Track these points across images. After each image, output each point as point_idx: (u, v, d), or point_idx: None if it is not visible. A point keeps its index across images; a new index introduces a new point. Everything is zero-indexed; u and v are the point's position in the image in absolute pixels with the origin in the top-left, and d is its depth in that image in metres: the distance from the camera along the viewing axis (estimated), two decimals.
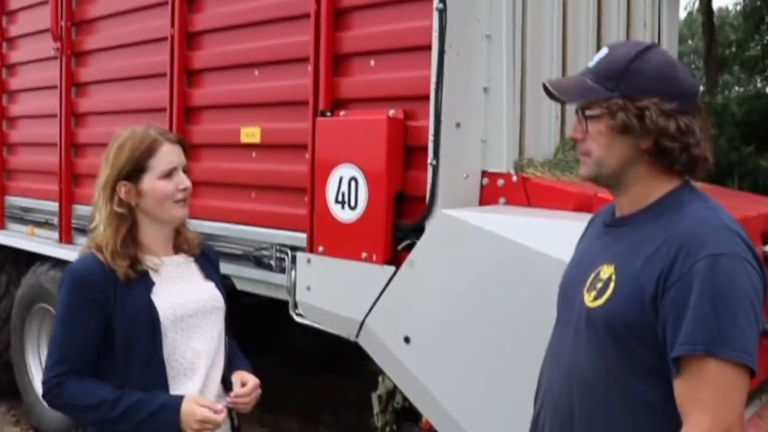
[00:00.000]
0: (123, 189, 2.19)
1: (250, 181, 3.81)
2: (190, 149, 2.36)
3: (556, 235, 2.55)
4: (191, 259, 2.37)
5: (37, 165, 5.46)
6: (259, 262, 3.73)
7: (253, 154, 3.79)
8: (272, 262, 3.64)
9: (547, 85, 1.81)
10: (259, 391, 2.31)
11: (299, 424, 5.50)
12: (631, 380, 1.65)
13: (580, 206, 2.83)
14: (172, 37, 4.12)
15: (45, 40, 5.17)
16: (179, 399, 2.11)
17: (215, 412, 2.12)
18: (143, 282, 2.17)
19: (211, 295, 2.33)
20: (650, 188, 1.75)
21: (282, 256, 3.58)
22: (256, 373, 2.39)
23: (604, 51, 1.81)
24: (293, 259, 3.47)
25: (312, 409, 5.75)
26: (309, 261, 3.36)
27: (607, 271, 1.72)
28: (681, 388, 1.57)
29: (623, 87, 1.71)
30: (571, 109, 3.48)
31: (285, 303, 3.54)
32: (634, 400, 1.65)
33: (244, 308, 5.16)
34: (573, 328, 1.79)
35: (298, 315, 3.45)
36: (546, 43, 3.40)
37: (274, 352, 6.05)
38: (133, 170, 2.19)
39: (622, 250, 1.73)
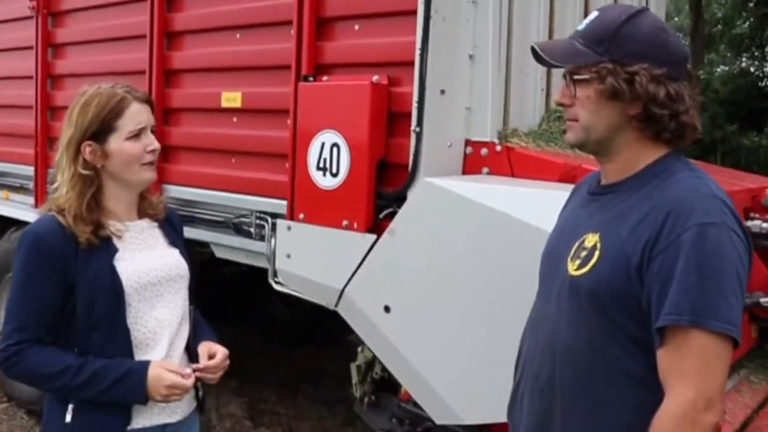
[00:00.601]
0: (88, 150, 2.09)
1: (230, 147, 3.77)
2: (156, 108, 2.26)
3: (540, 204, 2.53)
4: (155, 224, 2.29)
5: (11, 128, 5.39)
6: (239, 230, 3.70)
7: (234, 119, 3.75)
8: (252, 230, 3.61)
9: (536, 47, 1.78)
10: (227, 362, 2.24)
11: (278, 395, 5.50)
12: (614, 350, 1.65)
13: (565, 177, 2.82)
14: None
15: None
16: (146, 364, 2.05)
17: (183, 376, 2.07)
18: (106, 248, 2.08)
19: (175, 262, 2.25)
20: (638, 155, 1.74)
21: (262, 223, 3.55)
22: (235, 344, 2.34)
23: (593, 14, 1.78)
24: (273, 227, 3.45)
25: (291, 379, 5.75)
26: (289, 228, 3.33)
27: (591, 239, 1.71)
28: (664, 358, 1.56)
29: (613, 51, 1.69)
30: (556, 79, 3.47)
31: (264, 271, 3.52)
32: (617, 369, 1.65)
33: (224, 277, 5.17)
34: (555, 297, 1.78)
35: (278, 283, 3.43)
36: (533, 10, 3.37)
37: (253, 322, 6.06)
38: (100, 130, 2.09)
39: (607, 219, 1.71)
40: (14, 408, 5.07)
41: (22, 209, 5.02)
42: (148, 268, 2.15)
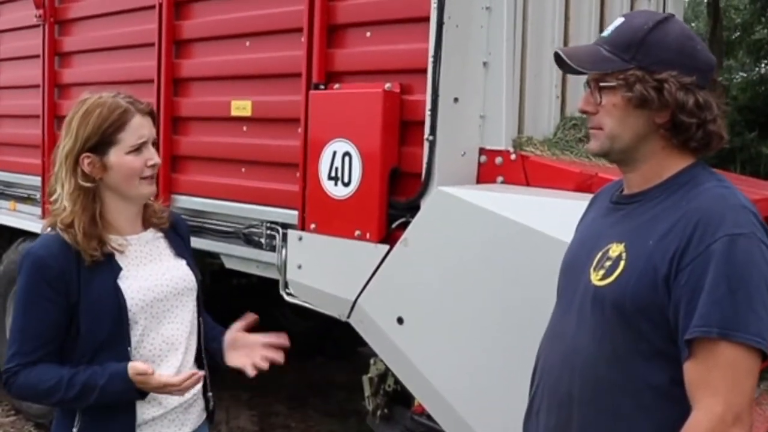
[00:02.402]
0: (86, 162, 2.06)
1: (240, 156, 3.79)
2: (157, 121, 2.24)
3: (556, 214, 2.54)
4: (160, 234, 2.25)
5: (19, 138, 5.42)
6: (249, 240, 3.71)
7: (244, 128, 3.77)
8: (262, 240, 3.62)
9: (561, 53, 1.77)
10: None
11: (288, 408, 5.51)
12: (638, 362, 1.64)
13: (580, 186, 2.82)
14: (160, 5, 4.09)
15: (27, 7, 5.11)
16: (124, 366, 2.01)
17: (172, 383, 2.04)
18: (108, 265, 2.06)
19: (182, 275, 2.22)
20: (663, 165, 1.73)
21: (272, 233, 3.56)
22: None
23: (619, 20, 1.78)
24: (284, 237, 3.46)
25: (302, 392, 5.75)
26: (300, 239, 3.35)
27: (616, 249, 1.70)
28: (692, 371, 1.55)
29: (640, 58, 1.68)
30: (571, 86, 3.47)
31: (275, 282, 3.53)
32: (640, 382, 1.64)
33: (233, 288, 5.18)
34: (576, 308, 1.77)
35: (289, 294, 3.44)
36: (548, 16, 3.38)
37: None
38: (100, 142, 2.06)
39: (632, 228, 1.71)
40: (22, 421, 5.10)
41: (29, 220, 5.04)
42: (154, 283, 2.13)
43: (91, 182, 2.08)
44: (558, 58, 1.80)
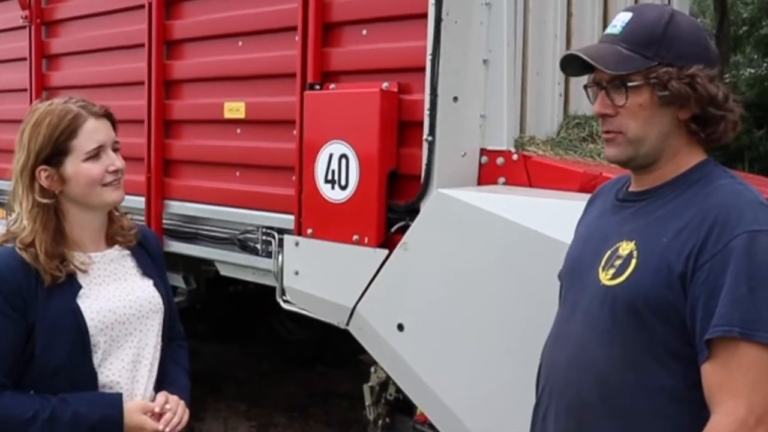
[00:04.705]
0: (43, 175, 1.97)
1: (234, 160, 3.79)
2: (117, 123, 2.11)
3: (559, 216, 2.53)
4: (127, 252, 2.17)
5: (6, 143, 5.41)
6: (244, 246, 3.71)
7: (238, 131, 3.77)
8: (258, 246, 3.62)
9: (581, 54, 1.73)
10: (186, 415, 2.10)
11: (288, 419, 5.49)
12: (650, 363, 1.63)
13: (584, 186, 2.82)
14: (150, 4, 4.08)
15: (12, 8, 5.10)
16: (120, 411, 1.97)
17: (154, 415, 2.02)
18: (69, 285, 1.98)
19: (147, 296, 2.14)
20: (681, 162, 1.72)
21: (268, 239, 3.56)
22: (242, 366, 2.29)
23: (627, 15, 1.75)
24: (280, 243, 3.46)
25: (301, 402, 5.75)
26: (297, 244, 3.34)
27: (626, 247, 1.69)
28: (712, 373, 1.54)
29: (663, 54, 1.67)
30: (574, 84, 3.47)
31: (272, 289, 3.53)
32: (652, 383, 1.63)
33: (230, 296, 5.18)
34: (583, 308, 1.76)
35: (286, 301, 3.44)
36: (550, 12, 3.38)
37: (261, 342, 6.06)
38: (53, 153, 1.96)
39: (643, 225, 1.70)
40: None
41: None
42: (116, 305, 2.05)
43: (50, 197, 1.99)
44: (572, 60, 1.76)
